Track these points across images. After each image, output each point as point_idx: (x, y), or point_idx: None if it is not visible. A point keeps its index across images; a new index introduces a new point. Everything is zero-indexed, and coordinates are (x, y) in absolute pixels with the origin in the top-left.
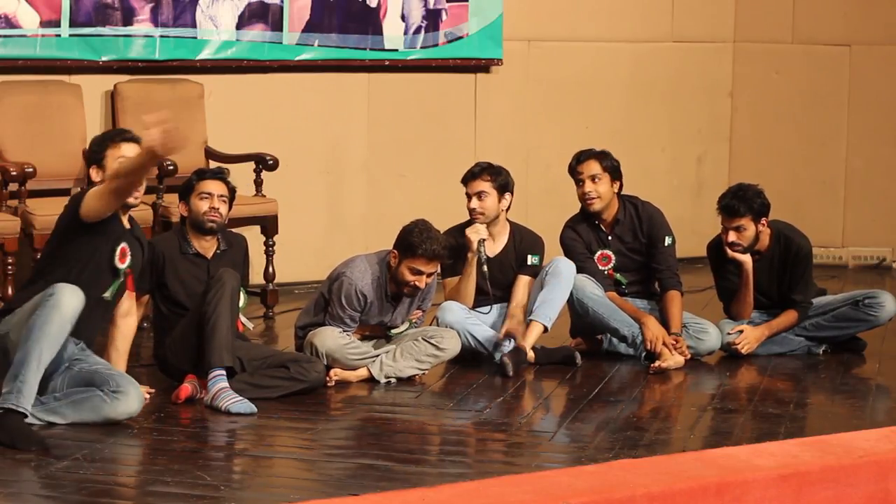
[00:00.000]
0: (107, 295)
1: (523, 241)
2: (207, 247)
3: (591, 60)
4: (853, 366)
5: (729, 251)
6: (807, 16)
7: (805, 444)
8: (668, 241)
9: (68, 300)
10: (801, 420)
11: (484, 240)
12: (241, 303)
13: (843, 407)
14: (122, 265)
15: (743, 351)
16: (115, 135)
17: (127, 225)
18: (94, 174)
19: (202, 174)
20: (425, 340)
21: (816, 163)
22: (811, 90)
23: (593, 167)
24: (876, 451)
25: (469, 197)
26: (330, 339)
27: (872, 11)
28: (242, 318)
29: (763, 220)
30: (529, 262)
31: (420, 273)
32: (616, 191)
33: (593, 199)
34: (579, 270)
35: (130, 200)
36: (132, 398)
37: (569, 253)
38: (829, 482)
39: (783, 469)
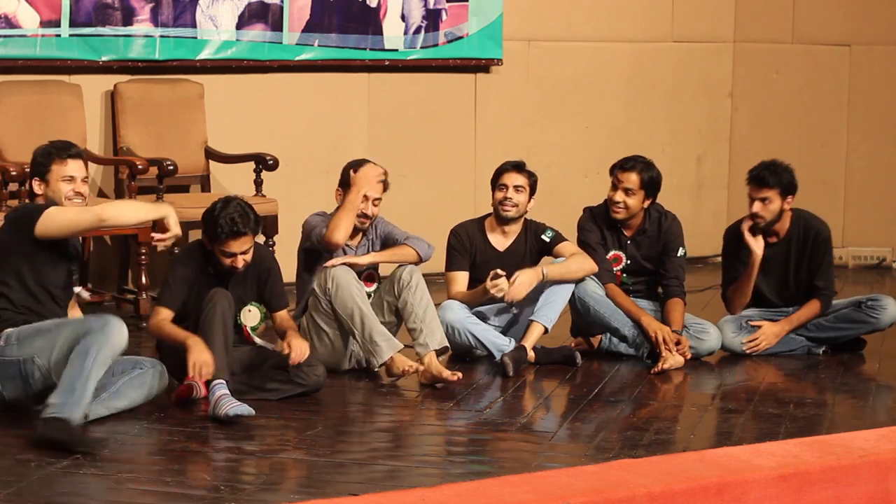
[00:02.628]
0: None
1: (531, 231)
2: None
3: (591, 60)
4: (853, 366)
5: (745, 233)
6: (807, 16)
7: (805, 444)
8: (680, 252)
9: (121, 331)
10: (801, 420)
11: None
12: (258, 320)
13: (843, 407)
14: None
15: (761, 348)
16: (61, 149)
17: None
18: (37, 187)
19: (229, 231)
20: (401, 299)
21: (816, 163)
22: (811, 90)
23: (632, 180)
24: (876, 451)
25: (503, 187)
26: (342, 270)
27: (872, 11)
28: (256, 338)
29: (789, 198)
30: (546, 238)
31: (366, 198)
32: (645, 206)
33: (620, 209)
34: None
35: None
36: (165, 372)
37: (583, 236)
38: (829, 482)
39: (783, 469)
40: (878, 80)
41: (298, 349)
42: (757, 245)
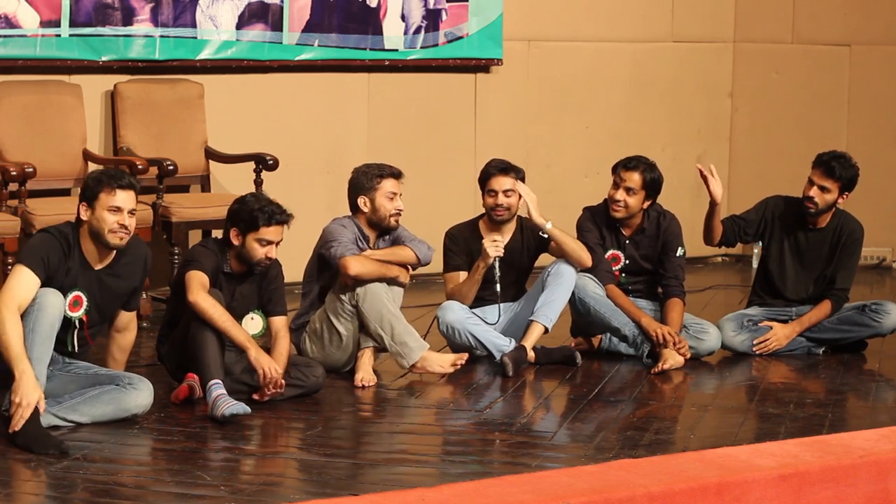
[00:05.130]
0: (67, 346)
1: (527, 228)
2: (241, 270)
3: (591, 60)
4: (853, 366)
5: (706, 173)
6: (807, 16)
7: (805, 444)
8: (679, 251)
9: (51, 300)
10: (801, 420)
11: (499, 256)
12: (259, 328)
13: (843, 407)
14: (74, 314)
15: (770, 349)
16: (112, 178)
17: (105, 262)
18: (83, 212)
19: (269, 217)
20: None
21: None
22: (811, 90)
23: (634, 180)
24: (876, 451)
25: (493, 193)
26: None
27: (872, 11)
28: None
29: (846, 195)
30: (545, 235)
31: (395, 193)
32: (645, 207)
33: (620, 207)
34: None
35: (115, 243)
36: (147, 390)
37: (581, 236)
38: (829, 482)
39: (783, 469)
40: (878, 80)
41: (268, 369)
42: (716, 186)
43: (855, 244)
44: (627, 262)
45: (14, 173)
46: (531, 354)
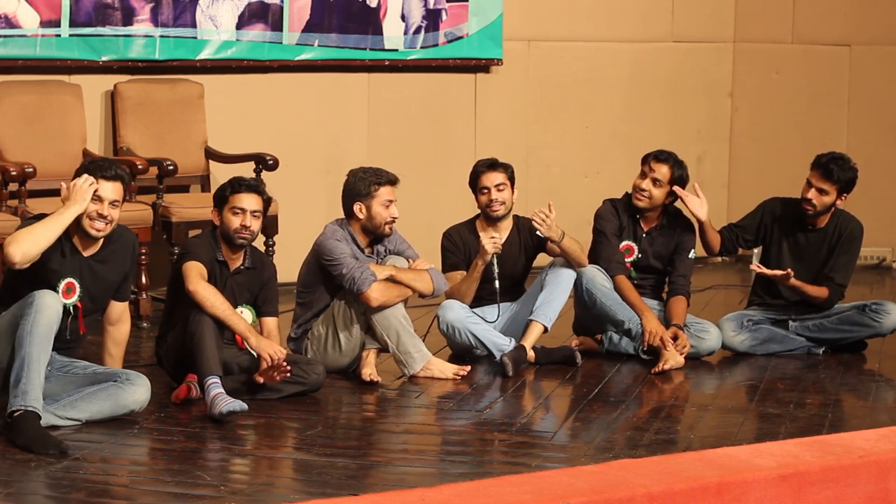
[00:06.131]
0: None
1: (524, 226)
2: (233, 259)
3: (591, 60)
4: (853, 366)
5: (689, 196)
6: (807, 16)
7: (805, 444)
8: (692, 254)
9: (48, 301)
10: (801, 420)
11: (497, 253)
12: (249, 322)
13: (843, 407)
14: (68, 300)
15: (763, 271)
16: (99, 168)
17: (92, 249)
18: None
19: (237, 186)
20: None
21: None
22: (811, 90)
23: (663, 172)
24: (876, 451)
25: (486, 190)
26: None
27: (872, 11)
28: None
29: (844, 196)
30: (541, 234)
31: (391, 201)
32: (667, 201)
33: (644, 197)
34: (599, 248)
35: (91, 233)
36: (144, 387)
37: (599, 224)
38: (829, 482)
39: (783, 469)
40: (878, 80)
41: (271, 355)
42: (696, 205)
43: (853, 241)
44: (640, 255)
45: (14, 173)
46: (531, 354)
